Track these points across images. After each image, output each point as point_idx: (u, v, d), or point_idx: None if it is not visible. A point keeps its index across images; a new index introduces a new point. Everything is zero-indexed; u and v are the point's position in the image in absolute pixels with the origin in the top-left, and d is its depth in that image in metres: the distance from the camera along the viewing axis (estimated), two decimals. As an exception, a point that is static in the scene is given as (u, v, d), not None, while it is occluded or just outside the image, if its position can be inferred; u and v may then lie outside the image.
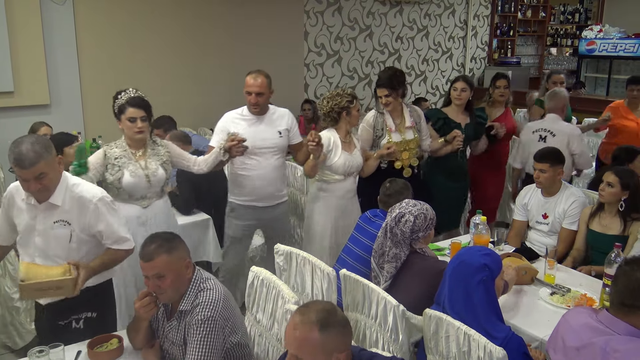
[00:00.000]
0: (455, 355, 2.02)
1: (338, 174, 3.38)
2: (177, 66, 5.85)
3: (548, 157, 3.31)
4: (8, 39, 4.85)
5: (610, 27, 8.43)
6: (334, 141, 3.36)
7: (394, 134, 3.63)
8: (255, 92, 3.26)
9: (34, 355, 1.96)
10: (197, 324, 1.98)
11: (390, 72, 3.62)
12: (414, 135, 3.70)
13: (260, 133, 3.31)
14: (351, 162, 3.40)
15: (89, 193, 2.28)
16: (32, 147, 2.08)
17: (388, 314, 2.22)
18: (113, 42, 5.46)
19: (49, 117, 4.72)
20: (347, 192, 3.45)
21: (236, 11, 6.17)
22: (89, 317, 2.36)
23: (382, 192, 3.05)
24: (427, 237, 2.60)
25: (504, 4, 8.89)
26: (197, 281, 2.08)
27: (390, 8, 7.50)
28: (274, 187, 3.41)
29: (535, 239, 3.44)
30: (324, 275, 2.50)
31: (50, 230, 2.24)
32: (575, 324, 1.91)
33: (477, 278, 2.08)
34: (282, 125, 3.41)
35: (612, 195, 3.04)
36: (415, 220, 2.51)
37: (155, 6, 5.67)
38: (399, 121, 3.67)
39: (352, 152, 3.43)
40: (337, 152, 3.36)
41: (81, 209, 2.26)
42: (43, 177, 2.12)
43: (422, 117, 3.80)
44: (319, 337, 1.56)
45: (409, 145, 3.67)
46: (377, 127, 3.65)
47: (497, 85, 4.46)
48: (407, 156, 3.67)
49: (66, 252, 2.27)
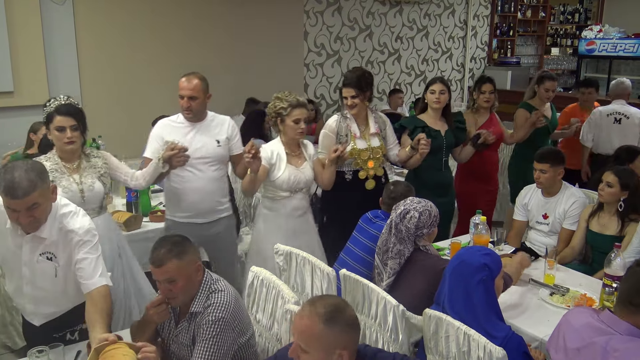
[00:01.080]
0: (455, 355, 2.02)
1: (283, 190, 3.08)
2: (177, 66, 5.80)
3: (548, 158, 3.31)
4: (8, 39, 4.85)
5: (610, 27, 8.43)
6: (278, 154, 3.08)
7: (359, 140, 3.35)
8: (187, 96, 2.96)
9: (33, 355, 1.96)
10: (208, 324, 1.97)
11: (359, 72, 3.35)
12: (380, 142, 3.43)
13: (195, 142, 3.02)
14: (298, 177, 3.09)
15: (74, 225, 2.12)
16: (27, 175, 1.90)
17: (388, 314, 2.22)
18: (113, 42, 5.46)
19: (48, 117, 4.72)
20: (295, 209, 3.14)
21: (236, 11, 6.17)
22: (83, 328, 2.29)
23: (385, 195, 3.05)
24: (431, 234, 2.62)
25: (503, 4, 8.88)
26: (208, 283, 2.07)
27: (390, 8, 7.50)
28: (212, 201, 3.10)
29: (535, 239, 3.44)
30: (323, 275, 2.50)
31: (35, 263, 2.13)
32: (577, 324, 1.91)
33: (477, 278, 2.08)
34: (222, 133, 3.11)
35: (612, 195, 3.04)
36: (420, 216, 2.53)
37: (155, 6, 5.66)
38: (363, 127, 3.39)
39: (301, 166, 3.12)
40: (281, 165, 3.06)
41: (67, 242, 2.12)
42: (36, 207, 1.95)
43: (387, 124, 3.51)
44: (322, 330, 1.58)
45: (375, 154, 3.38)
46: (340, 133, 3.34)
47: (482, 90, 4.09)
48: (372, 165, 3.38)
49: (54, 286, 2.18)
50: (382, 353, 1.75)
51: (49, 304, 2.24)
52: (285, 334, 2.19)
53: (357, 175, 3.35)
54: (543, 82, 4.45)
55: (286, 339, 2.18)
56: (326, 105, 7.15)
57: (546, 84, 4.43)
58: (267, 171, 3.04)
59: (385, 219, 2.93)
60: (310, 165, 3.17)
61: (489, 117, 4.12)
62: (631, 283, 1.84)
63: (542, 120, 4.23)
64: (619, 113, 4.80)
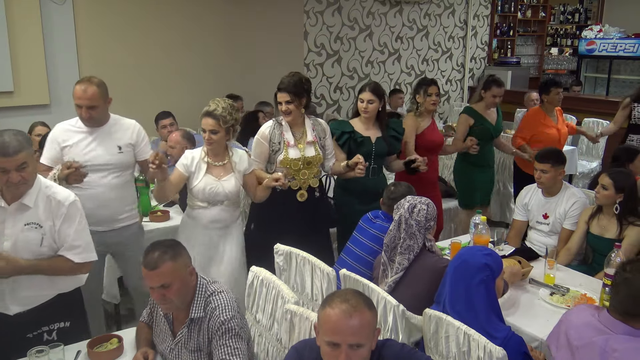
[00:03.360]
0: (455, 355, 2.02)
1: (199, 200, 2.93)
2: (177, 66, 5.85)
3: (550, 158, 3.31)
4: (8, 39, 4.85)
5: (610, 27, 8.44)
6: (197, 162, 2.92)
7: (292, 149, 3.16)
8: (86, 106, 2.78)
9: (33, 355, 1.95)
10: (225, 324, 1.95)
11: (296, 77, 3.14)
12: (316, 152, 3.22)
13: (94, 148, 2.87)
14: (215, 189, 2.89)
15: (61, 195, 2.23)
16: (15, 137, 2.07)
17: (388, 314, 2.22)
18: (113, 42, 5.46)
19: (48, 117, 4.72)
20: (213, 222, 2.95)
21: (236, 11, 6.17)
22: (61, 327, 2.28)
23: (385, 196, 3.05)
24: (434, 228, 2.65)
25: (503, 4, 8.89)
26: (203, 286, 2.05)
27: (390, 8, 7.50)
28: (111, 210, 2.92)
29: (535, 239, 3.44)
30: (323, 275, 2.50)
31: (20, 233, 2.15)
32: (578, 322, 1.91)
33: (478, 278, 2.09)
34: (124, 139, 2.95)
35: (607, 198, 3.05)
36: (428, 208, 2.57)
37: (154, 6, 5.66)
38: (299, 135, 3.21)
39: (223, 178, 2.92)
40: (199, 175, 2.91)
41: (53, 212, 2.19)
42: (25, 167, 2.09)
43: (327, 132, 3.32)
44: (371, 316, 1.62)
45: (308, 164, 3.19)
46: (273, 140, 3.16)
47: (428, 92, 3.84)
48: (305, 176, 3.19)
49: (36, 257, 2.19)
50: (391, 342, 1.77)
51: (29, 284, 2.20)
52: (285, 334, 2.19)
53: (290, 185, 3.16)
54: (490, 87, 4.22)
55: (286, 339, 2.18)
56: (326, 105, 7.15)
57: (494, 89, 4.22)
58: (184, 179, 2.91)
59: (386, 219, 2.94)
60: (236, 177, 2.95)
61: (432, 122, 3.94)
62: (623, 295, 1.83)
63: (476, 148, 4.13)
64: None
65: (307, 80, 3.19)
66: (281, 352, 2.25)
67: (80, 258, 2.27)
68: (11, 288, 2.20)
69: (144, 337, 2.19)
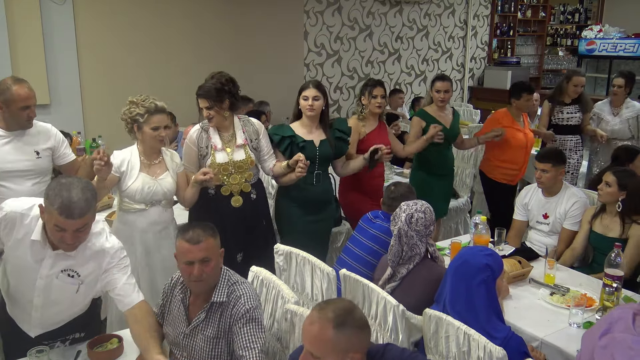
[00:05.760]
0: (455, 355, 2.02)
1: (135, 201, 2.78)
2: (177, 66, 5.85)
3: (550, 157, 3.31)
4: (8, 39, 4.85)
5: (610, 27, 8.42)
6: (129, 161, 2.80)
7: (220, 153, 3.00)
8: (34, 105, 2.75)
9: (33, 355, 1.95)
10: (250, 312, 1.99)
11: (216, 80, 2.94)
12: (246, 155, 3.04)
13: (9, 154, 2.78)
14: (153, 188, 2.79)
15: (107, 244, 2.07)
16: (84, 195, 1.86)
17: (388, 314, 2.22)
18: (113, 42, 5.46)
19: (49, 117, 4.72)
20: (152, 224, 2.83)
21: (236, 11, 6.17)
22: (76, 337, 2.25)
23: (386, 195, 3.05)
24: (433, 231, 2.64)
25: (503, 4, 8.88)
26: (226, 274, 2.09)
27: (390, 8, 7.50)
28: None
29: (535, 239, 3.44)
30: (323, 275, 2.50)
31: (54, 278, 2.02)
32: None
33: (479, 278, 2.09)
34: (42, 143, 2.88)
35: (610, 195, 3.04)
36: (425, 215, 2.55)
37: (154, 7, 5.66)
38: (228, 138, 3.04)
39: (159, 177, 2.83)
40: (133, 174, 2.78)
41: (95, 261, 2.05)
42: (85, 229, 1.91)
43: (260, 132, 3.13)
44: (334, 335, 1.56)
45: (238, 168, 3.02)
46: (201, 145, 3.01)
47: (374, 94, 3.60)
48: (236, 180, 3.02)
49: (70, 301, 2.12)
50: (391, 346, 1.75)
51: (58, 314, 2.17)
52: (285, 334, 2.19)
53: (221, 190, 3.02)
54: (434, 83, 4.00)
55: (286, 339, 2.19)
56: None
57: (437, 84, 3.96)
58: (114, 180, 2.77)
59: (385, 219, 2.94)
60: (172, 176, 2.87)
61: (377, 126, 3.70)
62: None
63: (441, 135, 3.81)
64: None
65: (228, 81, 2.97)
66: (281, 352, 2.26)
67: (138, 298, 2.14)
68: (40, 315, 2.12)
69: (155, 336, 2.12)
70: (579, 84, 4.70)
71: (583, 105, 4.80)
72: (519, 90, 4.27)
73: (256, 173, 3.14)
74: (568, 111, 4.78)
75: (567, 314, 2.42)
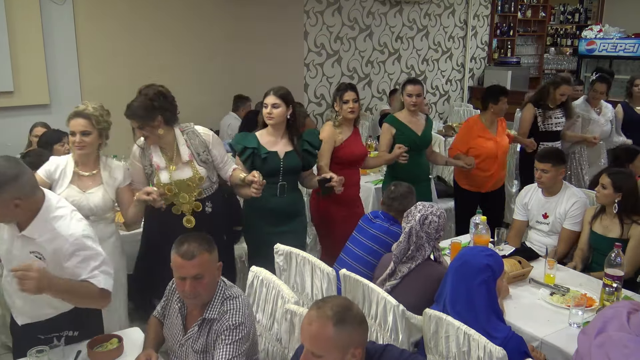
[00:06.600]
0: (455, 355, 2.02)
1: None
2: (177, 66, 5.85)
3: (550, 157, 3.31)
4: (8, 39, 4.85)
5: (610, 27, 8.42)
6: (63, 169, 2.62)
7: (163, 172, 2.79)
8: None
9: (33, 355, 1.95)
10: (230, 328, 1.94)
11: (142, 96, 2.72)
12: (193, 172, 2.81)
13: None
14: (78, 201, 2.55)
15: (66, 231, 1.99)
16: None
17: (388, 314, 2.22)
18: (113, 42, 5.46)
19: (49, 117, 4.72)
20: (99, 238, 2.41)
21: (236, 11, 6.17)
22: (70, 335, 2.22)
23: (385, 196, 3.05)
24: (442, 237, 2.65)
25: (503, 4, 8.89)
26: (222, 289, 2.03)
27: (390, 8, 7.50)
28: None
29: (535, 239, 3.44)
30: (323, 275, 2.50)
31: (26, 259, 2.00)
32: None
33: (479, 278, 2.09)
34: None
35: (606, 197, 3.05)
36: (439, 220, 2.55)
37: (154, 6, 5.66)
38: (171, 154, 2.82)
39: (89, 190, 2.63)
40: (63, 184, 2.60)
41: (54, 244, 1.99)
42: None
43: (209, 143, 2.89)
44: (334, 332, 1.57)
45: (187, 187, 2.81)
46: (145, 163, 2.83)
47: (344, 99, 3.40)
48: (185, 200, 2.81)
49: None
50: (391, 347, 1.76)
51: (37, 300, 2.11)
52: (285, 334, 2.19)
53: (172, 210, 2.83)
54: (405, 87, 3.79)
55: (286, 339, 2.19)
56: (326, 105, 7.14)
57: (407, 88, 3.76)
58: (47, 187, 2.49)
59: (385, 219, 2.94)
60: (106, 190, 2.67)
61: (353, 132, 3.52)
62: None
63: (405, 157, 3.60)
64: None
65: (158, 95, 2.72)
66: (281, 352, 2.26)
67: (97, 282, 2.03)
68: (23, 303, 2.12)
69: (153, 336, 2.17)
70: (565, 93, 4.53)
71: (567, 110, 4.65)
72: (497, 94, 4.02)
73: (210, 185, 2.92)
74: (555, 116, 4.62)
75: (567, 314, 2.42)
